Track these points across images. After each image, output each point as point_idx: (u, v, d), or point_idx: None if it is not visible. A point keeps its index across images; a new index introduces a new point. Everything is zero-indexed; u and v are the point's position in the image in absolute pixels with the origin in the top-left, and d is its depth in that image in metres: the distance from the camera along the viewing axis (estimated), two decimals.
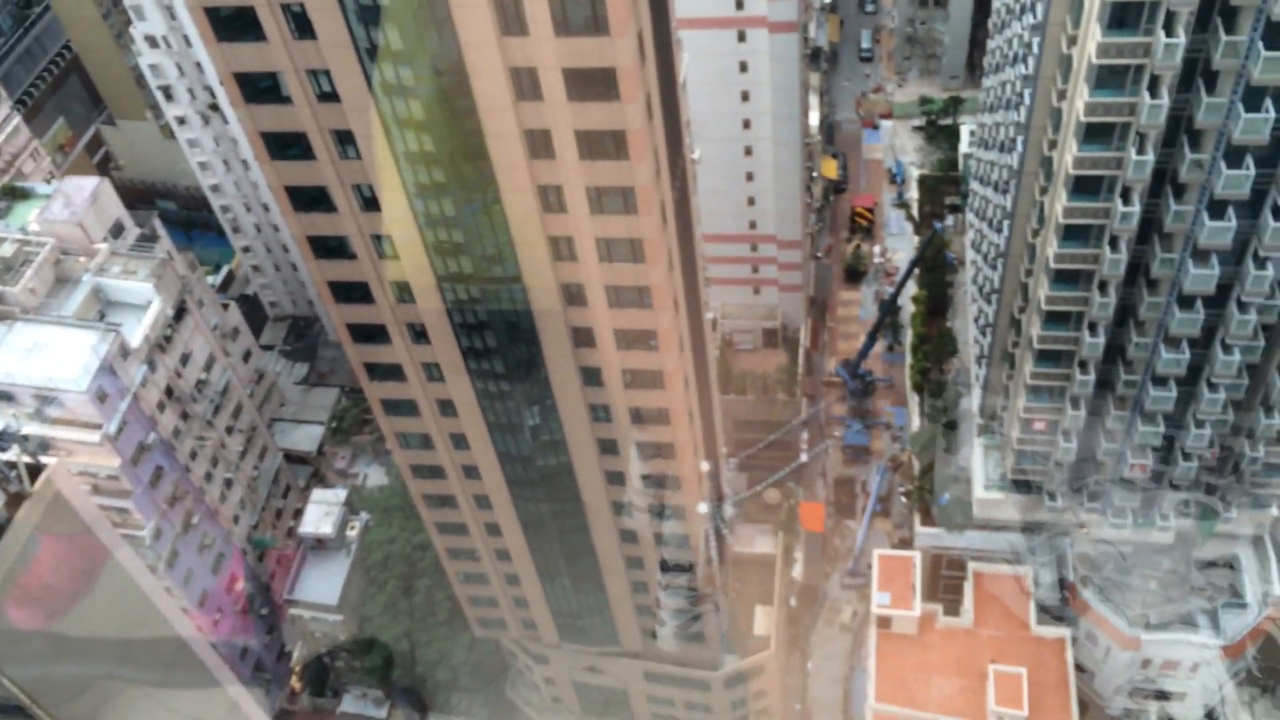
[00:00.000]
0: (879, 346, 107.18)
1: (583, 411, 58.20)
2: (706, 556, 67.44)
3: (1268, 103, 48.93)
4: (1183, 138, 52.84)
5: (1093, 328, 62.07)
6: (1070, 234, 58.54)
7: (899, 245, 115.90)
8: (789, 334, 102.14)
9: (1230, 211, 53.80)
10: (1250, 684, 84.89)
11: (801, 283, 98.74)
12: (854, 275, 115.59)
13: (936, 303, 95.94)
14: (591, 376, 56.44)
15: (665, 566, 67.85)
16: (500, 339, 54.91)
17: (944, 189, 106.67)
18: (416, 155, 47.11)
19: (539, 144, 45.76)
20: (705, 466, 64.41)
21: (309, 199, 50.63)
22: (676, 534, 65.76)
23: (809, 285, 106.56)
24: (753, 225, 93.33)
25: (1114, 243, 57.51)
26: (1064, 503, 74.65)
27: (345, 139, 47.70)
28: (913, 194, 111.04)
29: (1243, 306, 57.89)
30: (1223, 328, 59.72)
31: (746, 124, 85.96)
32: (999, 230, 71.91)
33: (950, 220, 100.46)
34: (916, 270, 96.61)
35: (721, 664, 76.50)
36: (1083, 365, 64.37)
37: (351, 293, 54.65)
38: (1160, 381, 62.89)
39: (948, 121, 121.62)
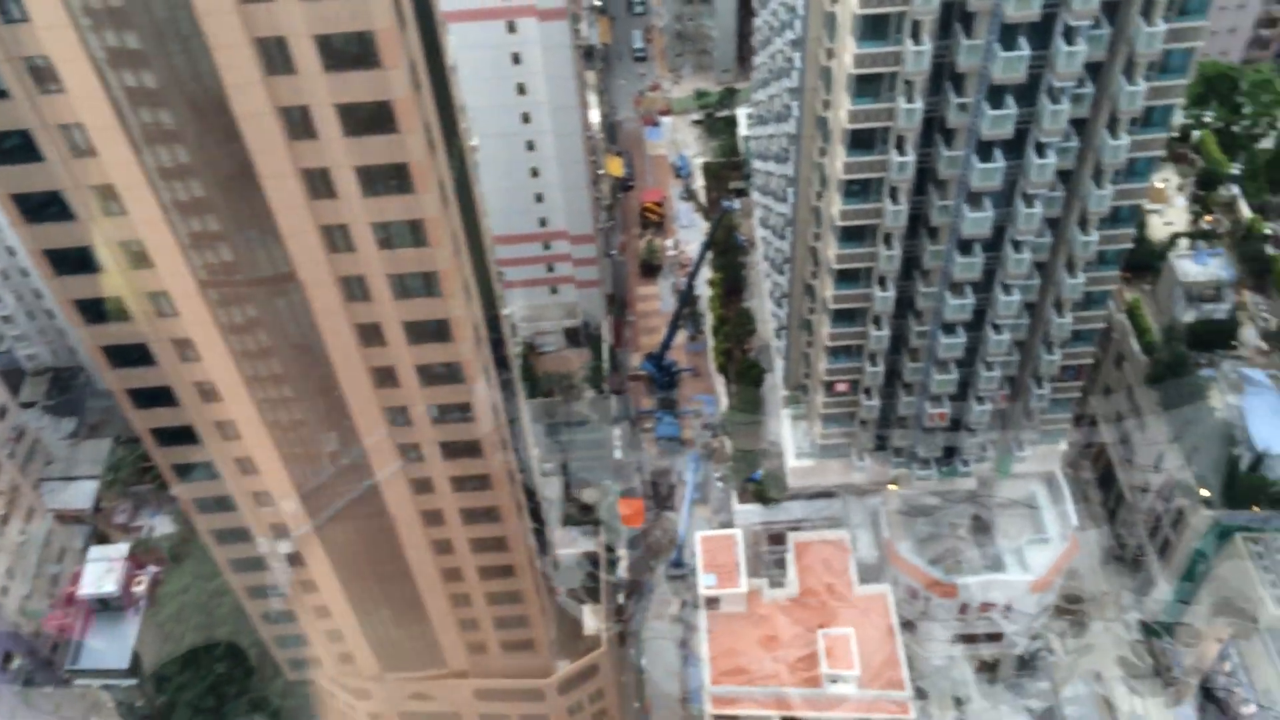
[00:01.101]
0: (681, 337, 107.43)
1: (379, 414, 54.62)
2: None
3: (1022, 40, 50.75)
4: (947, 83, 54.27)
5: (882, 282, 63.19)
6: (851, 191, 59.32)
7: (691, 237, 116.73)
8: (591, 332, 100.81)
9: (997, 153, 55.65)
10: (1060, 616, 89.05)
11: (598, 278, 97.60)
12: (650, 270, 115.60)
13: (732, 285, 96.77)
14: (385, 377, 52.98)
15: (487, 573, 64.81)
16: (280, 344, 50.77)
17: (727, 174, 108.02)
18: (160, 146, 42.77)
19: (298, 122, 42.33)
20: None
21: (40, 207, 45.30)
22: (493, 537, 62.88)
23: (606, 282, 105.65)
24: (543, 223, 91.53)
25: (894, 194, 58.62)
26: (872, 462, 76.00)
27: (77, 134, 42.86)
28: (699, 184, 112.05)
29: (1017, 246, 60.09)
30: (1001, 270, 61.88)
31: (526, 118, 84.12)
32: (784, 199, 72.66)
33: (737, 203, 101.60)
34: (710, 254, 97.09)
35: (554, 669, 73.86)
36: (876, 321, 65.49)
37: (103, 310, 49.32)
38: (949, 329, 64.63)
39: (725, 113, 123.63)
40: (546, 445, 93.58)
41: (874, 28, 52.11)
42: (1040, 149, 55.09)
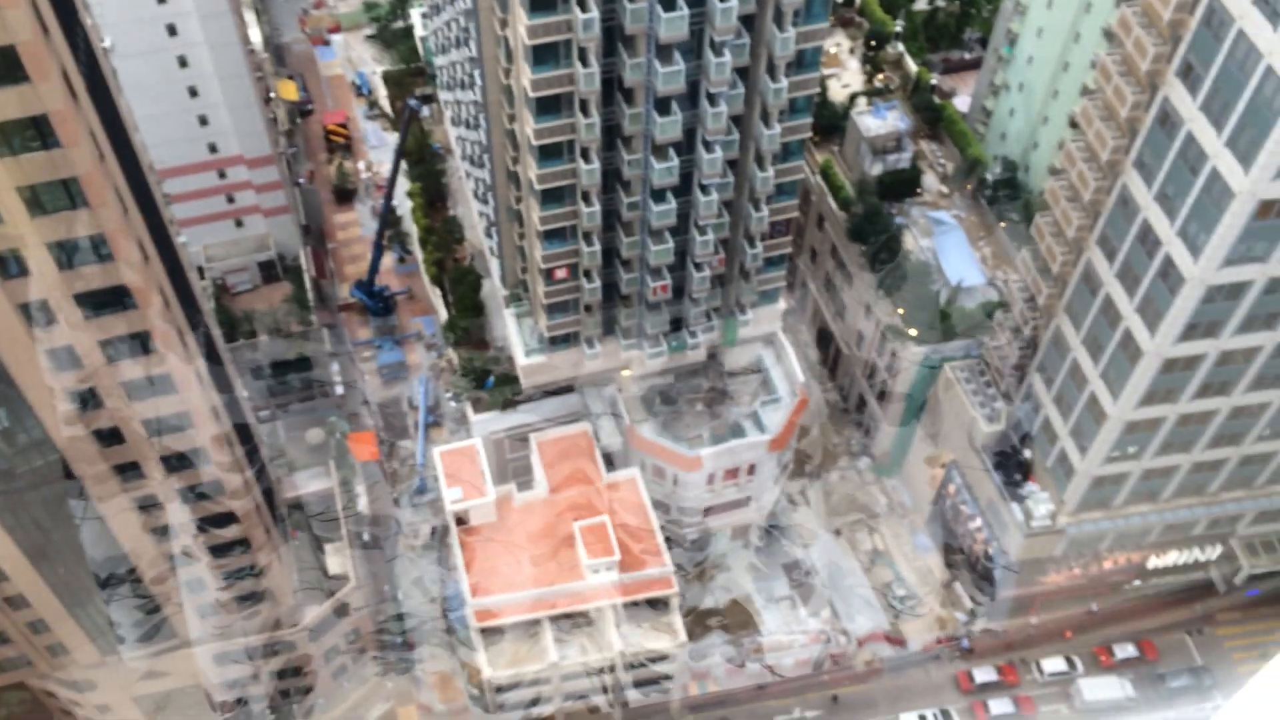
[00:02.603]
0: (390, 260, 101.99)
1: (38, 362, 47.13)
2: None
3: None
4: None
5: (585, 154, 61.08)
6: (540, 57, 56.38)
7: (383, 157, 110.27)
8: (289, 264, 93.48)
9: (680, 2, 54.25)
10: (800, 475, 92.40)
11: (287, 204, 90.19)
12: (344, 195, 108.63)
13: (434, 194, 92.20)
14: (37, 314, 45.58)
15: (203, 526, 58.66)
16: None
17: (411, 82, 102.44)
18: None
19: None
20: None
21: None
22: (205, 483, 56.77)
23: (298, 211, 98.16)
24: (214, 149, 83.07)
25: (583, 57, 56.24)
26: (603, 347, 74.74)
27: None
28: (383, 94, 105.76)
29: (713, 100, 59.43)
30: (701, 127, 61.16)
31: (172, 30, 75.26)
32: (472, 86, 68.85)
33: (425, 109, 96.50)
34: (405, 165, 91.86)
35: (302, 616, 68.75)
36: (586, 197, 63.48)
37: None
38: (659, 196, 63.59)
39: (400, 24, 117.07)
40: (258, 388, 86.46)
41: None
42: None
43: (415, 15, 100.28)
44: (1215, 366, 64.34)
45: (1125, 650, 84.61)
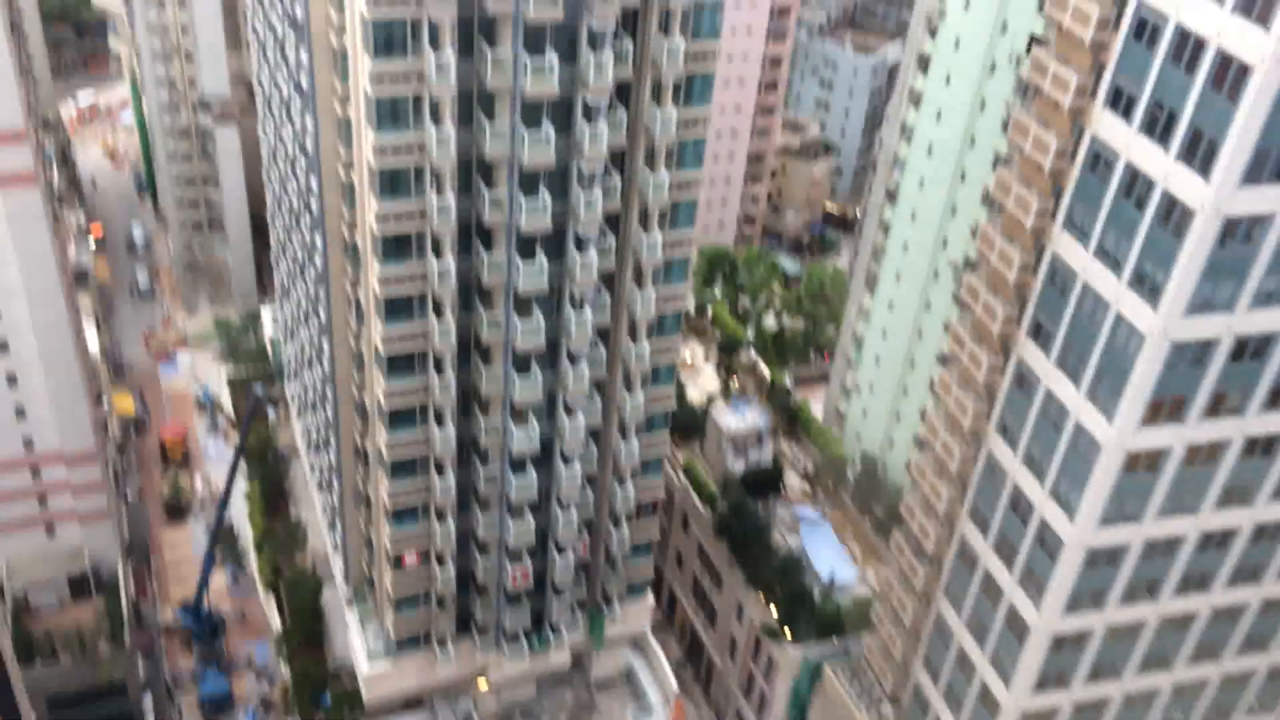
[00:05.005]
0: (223, 580, 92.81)
1: None
2: None
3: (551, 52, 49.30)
4: (477, 176, 52.00)
5: (439, 417, 57.38)
6: (393, 311, 53.99)
7: (221, 472, 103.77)
8: (104, 579, 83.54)
9: (538, 251, 53.49)
10: None
11: (107, 509, 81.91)
12: (177, 512, 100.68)
13: (274, 495, 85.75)
14: None
15: None
16: None
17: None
18: None
19: None
20: None
21: None
22: None
23: (121, 523, 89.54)
24: (29, 444, 75.87)
25: (439, 310, 54.11)
26: (457, 649, 67.10)
27: None
28: (225, 398, 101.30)
29: (574, 359, 57.40)
30: (562, 389, 58.65)
31: None
32: (321, 361, 65.54)
33: (272, 411, 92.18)
34: (245, 466, 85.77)
35: None
36: (439, 467, 58.99)
37: None
38: (518, 466, 59.59)
39: (251, 347, 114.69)
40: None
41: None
42: (580, 244, 53.77)
43: (266, 314, 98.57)
44: (1105, 643, 61.19)
45: None
